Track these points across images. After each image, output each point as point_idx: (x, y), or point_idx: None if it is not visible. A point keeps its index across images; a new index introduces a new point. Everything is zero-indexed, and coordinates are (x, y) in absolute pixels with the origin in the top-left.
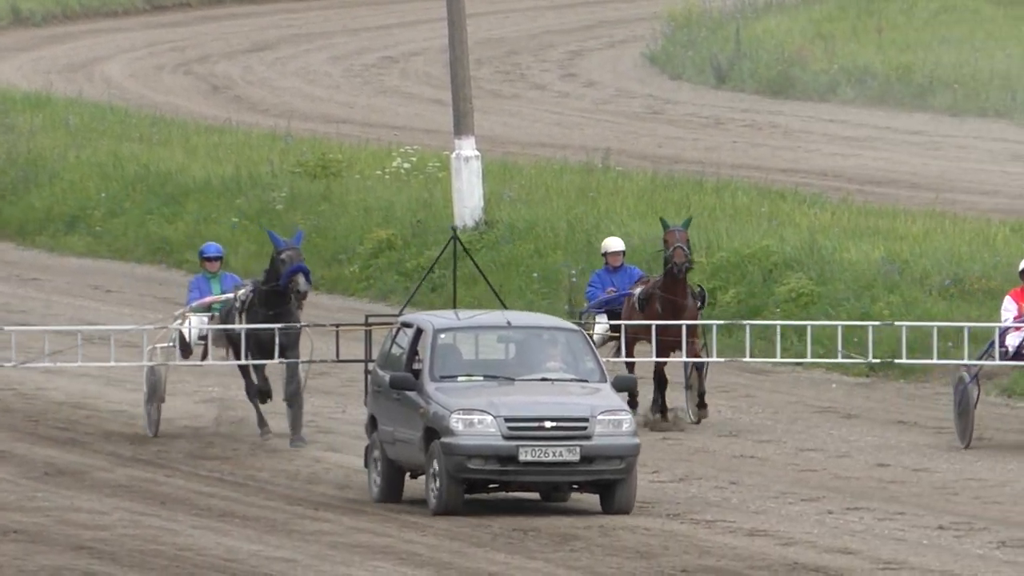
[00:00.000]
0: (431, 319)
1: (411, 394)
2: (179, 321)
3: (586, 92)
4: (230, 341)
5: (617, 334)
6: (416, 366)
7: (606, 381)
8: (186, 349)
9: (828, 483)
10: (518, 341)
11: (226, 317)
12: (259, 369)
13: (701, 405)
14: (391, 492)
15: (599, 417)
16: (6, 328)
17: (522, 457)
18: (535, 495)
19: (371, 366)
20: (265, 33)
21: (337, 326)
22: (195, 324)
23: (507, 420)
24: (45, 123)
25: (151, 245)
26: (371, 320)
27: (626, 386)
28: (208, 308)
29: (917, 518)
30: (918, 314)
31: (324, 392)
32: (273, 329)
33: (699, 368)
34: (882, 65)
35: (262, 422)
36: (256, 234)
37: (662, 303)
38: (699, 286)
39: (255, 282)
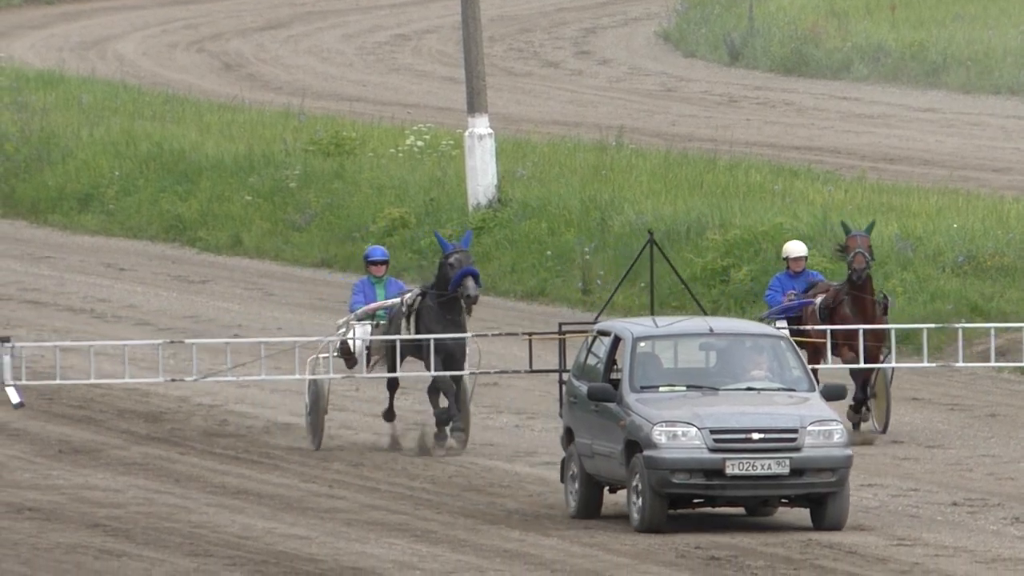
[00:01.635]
0: (629, 326)
1: (610, 405)
2: (343, 329)
3: (600, 70)
4: (394, 351)
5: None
6: (614, 376)
7: (815, 390)
8: (351, 359)
9: None
10: (721, 349)
11: (391, 325)
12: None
13: (869, 411)
14: (589, 507)
15: (809, 428)
16: (187, 341)
17: (729, 471)
18: (740, 510)
19: (565, 376)
20: (278, 11)
21: (530, 335)
22: (359, 333)
23: (712, 432)
24: (58, 101)
25: (164, 223)
26: (565, 328)
27: (836, 395)
28: (372, 315)
29: (931, 495)
30: (932, 291)
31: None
32: (444, 339)
33: (881, 375)
34: (895, 43)
35: (390, 409)
36: (269, 212)
37: (852, 311)
38: (883, 293)
39: (424, 287)
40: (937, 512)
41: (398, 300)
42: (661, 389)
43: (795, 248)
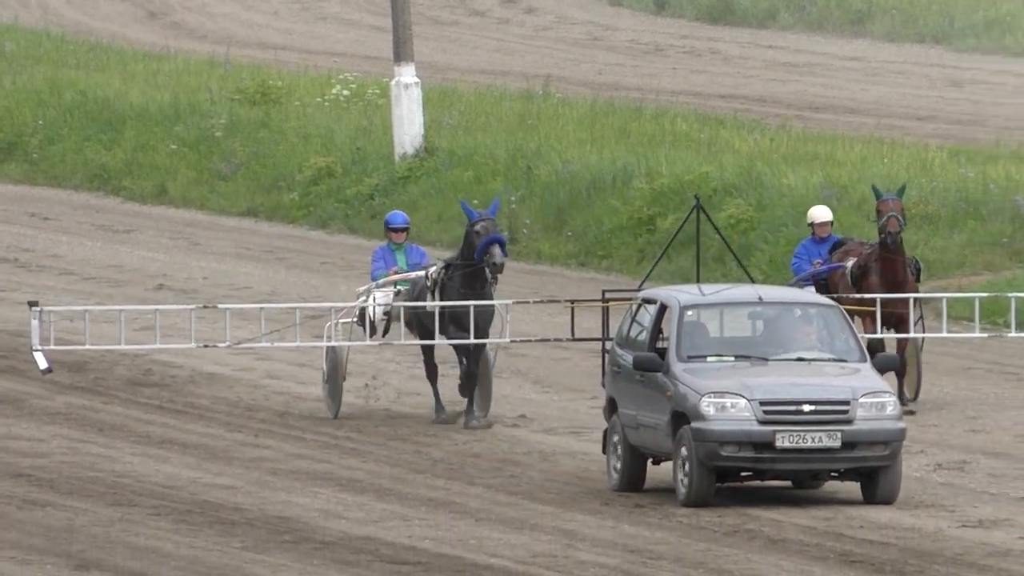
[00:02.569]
0: (676, 294)
1: (656, 375)
2: (364, 297)
3: (526, 19)
4: (420, 323)
5: None
6: (660, 345)
7: (866, 360)
8: (370, 327)
9: None
10: (770, 318)
11: (417, 297)
12: (461, 352)
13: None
14: (632, 480)
15: (861, 400)
16: (220, 306)
17: (779, 443)
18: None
19: (608, 345)
20: None
21: (572, 302)
22: (380, 300)
23: (762, 404)
24: None
25: (89, 172)
26: (608, 296)
27: (889, 366)
28: (394, 284)
29: None
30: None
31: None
32: (467, 307)
33: (912, 343)
34: None
35: (439, 407)
36: (194, 161)
37: (881, 277)
38: (914, 258)
39: (449, 260)
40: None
41: (421, 273)
42: (709, 359)
43: (820, 213)
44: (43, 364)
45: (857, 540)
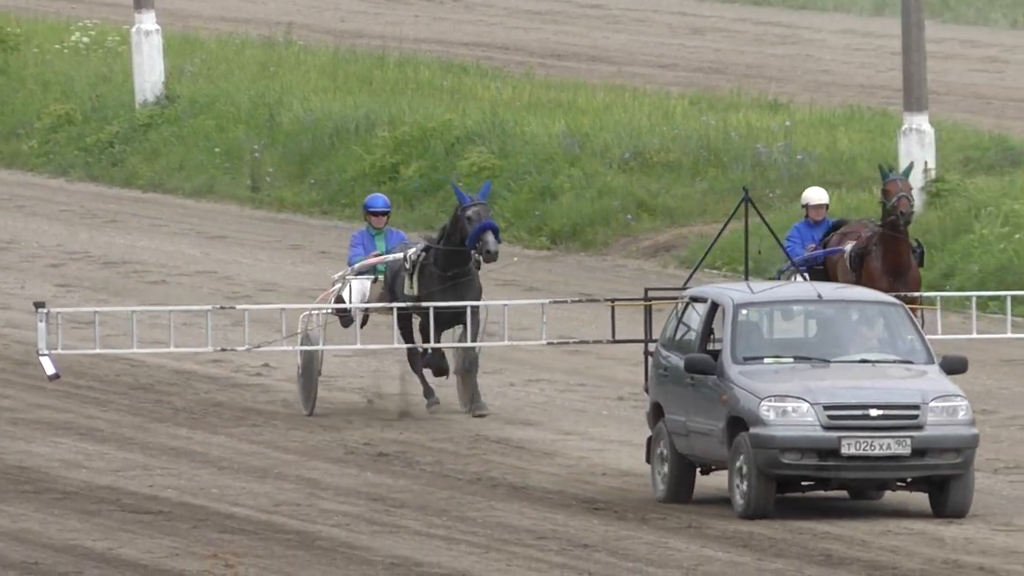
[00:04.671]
0: (728, 292)
1: (710, 378)
2: (340, 284)
3: None
4: (399, 315)
5: None
6: (712, 347)
7: (934, 362)
8: (346, 316)
9: (508, 355)
10: (829, 317)
11: (393, 280)
12: (436, 341)
13: None
14: (681, 491)
15: (931, 404)
16: (238, 307)
17: (844, 450)
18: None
19: (652, 347)
20: None
21: (613, 301)
22: (356, 288)
23: (826, 408)
24: None
25: None
26: (651, 294)
27: (957, 367)
28: (373, 269)
29: (597, 389)
30: (599, 187)
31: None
32: (453, 297)
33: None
34: None
35: (428, 391)
36: None
37: (884, 261)
38: (916, 240)
39: (429, 239)
40: (603, 406)
41: (400, 255)
42: (766, 361)
43: (815, 195)
44: (50, 370)
45: (599, 487)
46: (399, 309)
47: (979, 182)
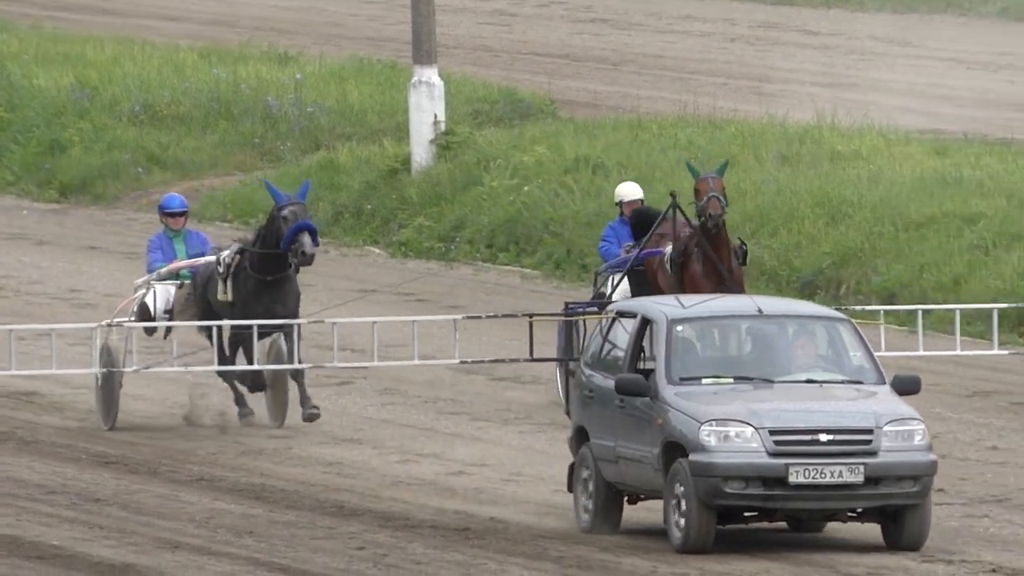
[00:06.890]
0: (660, 307)
1: (642, 401)
2: (142, 291)
3: None
4: (208, 315)
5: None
6: (644, 366)
7: (884, 382)
8: (149, 325)
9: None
10: (771, 333)
11: (205, 286)
12: (249, 351)
13: None
14: (607, 522)
15: (886, 428)
16: (127, 324)
17: (792, 479)
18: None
19: (572, 366)
20: None
21: (531, 316)
22: (161, 294)
23: (772, 433)
24: None
25: None
26: (571, 309)
27: (910, 388)
28: (176, 275)
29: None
30: (109, 140)
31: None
32: (270, 302)
33: None
34: None
35: (241, 402)
36: None
37: (704, 265)
38: (739, 239)
39: (244, 242)
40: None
41: (212, 259)
42: (704, 381)
43: (629, 191)
44: None
45: (110, 441)
46: (221, 326)
47: (488, 135)
